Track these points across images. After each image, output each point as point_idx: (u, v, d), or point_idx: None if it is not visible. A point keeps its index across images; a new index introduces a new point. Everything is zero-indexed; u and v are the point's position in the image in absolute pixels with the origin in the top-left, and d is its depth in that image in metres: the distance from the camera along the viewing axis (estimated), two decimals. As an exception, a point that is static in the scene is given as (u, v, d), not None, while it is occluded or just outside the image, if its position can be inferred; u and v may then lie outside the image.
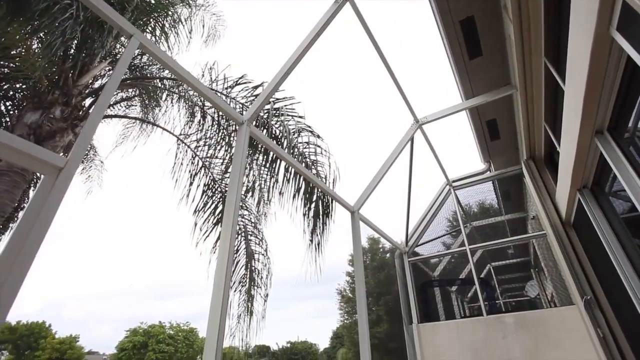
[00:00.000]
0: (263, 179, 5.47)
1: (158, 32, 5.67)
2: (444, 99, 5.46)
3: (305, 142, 5.07)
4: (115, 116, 6.77)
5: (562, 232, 4.27)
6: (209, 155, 5.89)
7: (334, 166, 5.01)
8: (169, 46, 5.88)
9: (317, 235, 4.95)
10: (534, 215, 5.53)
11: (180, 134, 6.11)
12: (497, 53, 4.30)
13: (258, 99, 3.09)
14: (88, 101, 4.83)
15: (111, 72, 5.38)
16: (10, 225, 5.51)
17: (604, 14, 1.64)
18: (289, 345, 46.00)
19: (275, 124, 5.09)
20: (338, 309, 31.86)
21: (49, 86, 4.17)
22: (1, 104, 4.79)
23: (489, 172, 6.46)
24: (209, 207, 5.66)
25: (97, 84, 5.28)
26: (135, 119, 7.01)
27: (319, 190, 4.98)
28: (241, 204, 5.74)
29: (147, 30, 5.53)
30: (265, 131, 5.10)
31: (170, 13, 5.76)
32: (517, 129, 5.24)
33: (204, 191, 5.74)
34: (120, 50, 5.45)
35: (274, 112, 5.03)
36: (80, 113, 4.38)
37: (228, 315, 4.78)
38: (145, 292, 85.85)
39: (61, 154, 4.06)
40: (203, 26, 6.66)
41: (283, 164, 5.03)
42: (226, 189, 5.67)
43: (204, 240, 5.41)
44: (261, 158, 5.33)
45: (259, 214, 5.89)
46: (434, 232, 6.74)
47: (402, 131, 5.31)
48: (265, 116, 5.06)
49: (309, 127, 5.10)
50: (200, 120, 5.88)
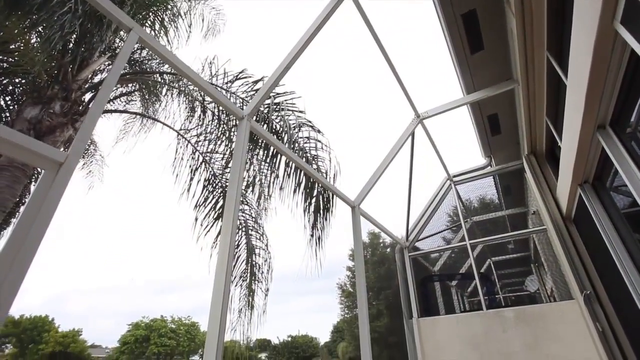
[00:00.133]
0: (263, 174, 5.47)
1: (157, 26, 5.63)
2: (445, 93, 5.43)
3: (305, 137, 5.06)
4: (115, 111, 6.75)
5: (562, 227, 4.27)
6: (209, 150, 5.88)
7: (335, 161, 5.00)
8: (168, 40, 5.84)
9: (317, 230, 4.96)
10: (535, 210, 5.53)
11: (181, 129, 6.10)
12: (499, 47, 4.27)
13: (258, 94, 3.08)
14: (88, 96, 4.81)
15: (110, 66, 5.36)
16: (12, 220, 5.54)
17: (608, 6, 1.62)
18: (289, 339, 46.36)
19: (276, 118, 5.07)
20: (339, 303, 32.09)
21: (48, 81, 4.15)
22: (1, 99, 4.78)
23: (489, 167, 6.45)
24: (210, 202, 5.67)
25: (96, 79, 5.26)
26: (136, 113, 6.99)
27: (320, 185, 4.98)
28: (242, 199, 5.74)
29: (147, 24, 5.49)
30: (265, 126, 5.09)
31: (169, 7, 5.71)
32: (518, 124, 5.22)
33: (204, 186, 5.75)
34: (119, 44, 5.42)
35: (275, 107, 5.01)
36: (80, 108, 4.37)
37: (229, 310, 4.83)
38: (147, 286, 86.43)
39: (61, 149, 4.06)
40: (202, 20, 6.61)
41: (284, 159, 5.02)
42: (227, 184, 5.67)
43: (205, 235, 5.43)
44: (262, 153, 5.33)
45: (260, 209, 5.90)
46: (435, 227, 6.74)
47: (402, 126, 5.29)
48: (265, 111, 5.04)
49: (310, 122, 5.08)
50: (200, 115, 5.86)
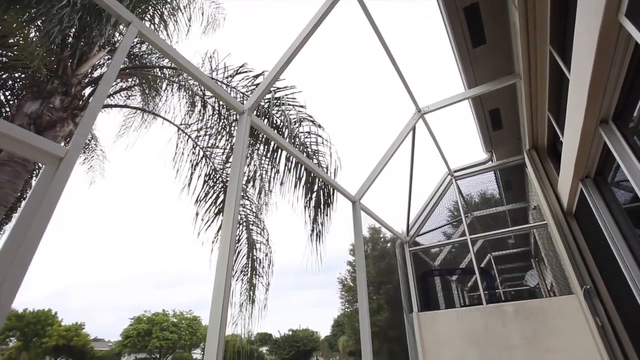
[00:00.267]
0: (264, 169, 5.46)
1: (157, 20, 5.59)
2: (446, 88, 5.40)
3: (306, 132, 5.05)
4: (116, 106, 6.73)
5: (563, 222, 4.27)
6: (209, 145, 5.87)
7: (335, 156, 4.99)
8: (168, 34, 5.80)
9: (318, 224, 4.96)
10: (535, 206, 5.52)
11: (181, 124, 6.08)
12: (501, 41, 4.23)
13: (259, 88, 3.06)
14: (87, 91, 4.79)
15: (110, 60, 5.32)
16: (14, 215, 5.55)
17: (612, -1, 1.60)
18: (290, 333, 46.71)
19: (276, 113, 5.05)
20: (339, 297, 32.24)
21: (48, 75, 4.13)
22: (0, 94, 4.77)
23: (490, 162, 6.43)
24: (211, 197, 5.68)
25: (96, 74, 5.23)
26: (136, 108, 6.97)
27: (320, 180, 4.97)
28: (242, 194, 5.75)
29: (146, 18, 5.44)
30: (266, 121, 5.07)
31: (169, 0, 5.66)
32: (520, 119, 5.19)
33: (205, 181, 5.75)
34: (119, 39, 5.38)
35: (275, 101, 4.98)
36: (80, 103, 4.35)
37: (230, 304, 4.85)
38: (148, 281, 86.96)
39: (62, 144, 4.06)
40: (202, 14, 6.56)
41: (284, 153, 5.01)
42: (227, 178, 5.67)
43: (206, 229, 5.44)
44: (262, 148, 5.31)
45: (261, 203, 5.91)
46: (435, 222, 6.75)
47: (403, 121, 5.27)
48: (266, 106, 5.02)
49: (310, 116, 5.06)
50: (200, 110, 5.84)
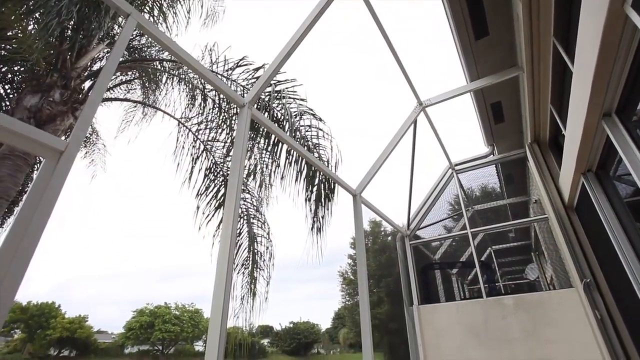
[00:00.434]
0: (265, 163, 5.45)
1: (156, 12, 5.53)
2: (448, 81, 5.35)
3: (307, 125, 5.03)
4: (116, 99, 6.70)
5: (564, 216, 4.26)
6: (210, 138, 5.86)
7: (336, 149, 4.98)
8: (167, 27, 5.75)
9: (319, 218, 4.97)
10: (536, 199, 5.52)
11: (181, 117, 6.06)
12: (504, 33, 4.18)
13: (259, 81, 3.03)
14: (87, 84, 4.77)
15: (109, 53, 5.28)
16: (15, 209, 5.57)
17: (618, -11, 1.57)
18: (291, 326, 47.17)
19: (277, 106, 5.03)
20: (340, 290, 32.45)
21: (47, 69, 4.10)
22: (0, 87, 4.75)
23: (492, 155, 6.41)
24: (211, 191, 5.68)
25: (95, 67, 5.20)
26: (136, 102, 6.94)
27: (321, 174, 4.97)
28: (243, 188, 5.75)
29: (145, 10, 5.39)
30: (266, 114, 5.05)
31: (168, -8, 5.59)
32: (522, 112, 5.15)
33: (205, 174, 5.75)
34: (118, 32, 5.33)
35: (276, 94, 4.96)
36: (80, 96, 4.33)
37: (232, 297, 4.89)
38: (150, 274, 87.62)
39: (62, 137, 4.05)
40: (202, 6, 6.48)
41: (285, 147, 4.99)
42: (228, 172, 5.67)
43: (207, 223, 5.45)
44: (263, 141, 5.30)
45: (261, 197, 5.91)
46: (436, 215, 6.75)
47: (405, 114, 5.24)
48: (266, 99, 4.99)
49: (311, 110, 5.04)
50: (201, 103, 5.81)
